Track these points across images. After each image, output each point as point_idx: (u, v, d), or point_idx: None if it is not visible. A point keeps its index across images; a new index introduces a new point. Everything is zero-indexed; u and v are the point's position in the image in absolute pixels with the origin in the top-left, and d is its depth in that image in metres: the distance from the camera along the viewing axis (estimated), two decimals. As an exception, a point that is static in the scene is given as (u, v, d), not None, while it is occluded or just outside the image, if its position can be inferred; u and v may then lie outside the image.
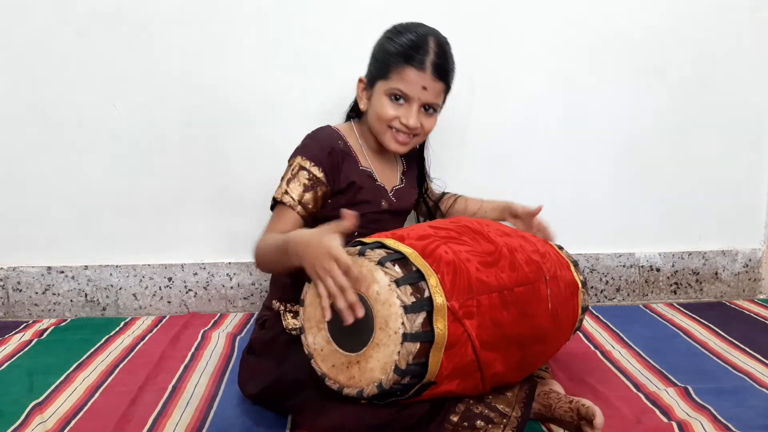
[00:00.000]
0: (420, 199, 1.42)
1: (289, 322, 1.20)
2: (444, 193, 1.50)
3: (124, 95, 1.64)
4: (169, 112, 1.65)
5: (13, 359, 1.39)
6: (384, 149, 1.29)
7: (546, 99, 1.73)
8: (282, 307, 1.23)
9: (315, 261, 0.93)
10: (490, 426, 0.99)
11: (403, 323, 0.90)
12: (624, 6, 1.71)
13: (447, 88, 1.25)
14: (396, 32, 1.22)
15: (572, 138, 1.76)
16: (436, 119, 1.27)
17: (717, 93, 1.78)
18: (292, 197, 1.17)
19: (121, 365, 1.36)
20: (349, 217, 0.94)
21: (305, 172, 1.18)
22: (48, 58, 1.61)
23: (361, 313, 0.91)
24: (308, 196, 1.17)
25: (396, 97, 1.21)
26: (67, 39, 1.61)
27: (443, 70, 1.21)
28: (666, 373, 1.32)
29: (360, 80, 1.28)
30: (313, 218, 1.20)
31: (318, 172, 1.19)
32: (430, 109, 1.24)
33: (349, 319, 0.91)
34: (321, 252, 0.93)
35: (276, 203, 1.19)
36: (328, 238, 0.93)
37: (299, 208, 1.16)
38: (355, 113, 1.34)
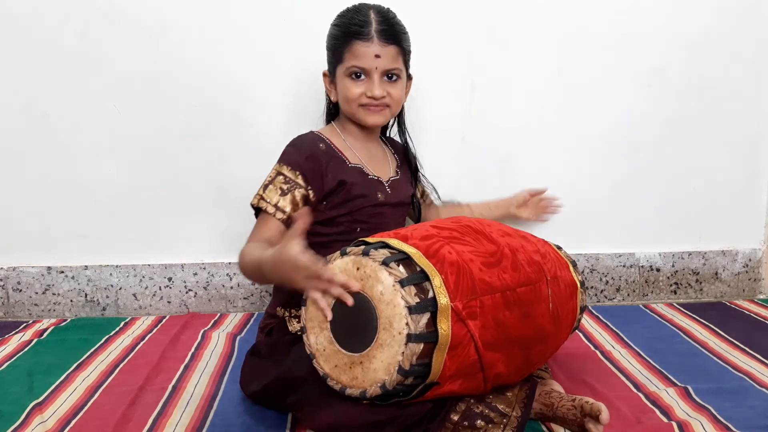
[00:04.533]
0: (413, 201, 1.40)
1: (295, 327, 1.20)
2: (446, 202, 1.52)
3: (124, 95, 1.64)
4: (169, 112, 1.65)
5: (13, 359, 1.39)
6: (371, 141, 1.31)
7: (546, 99, 1.73)
8: (287, 314, 1.23)
9: (291, 277, 0.95)
10: (490, 426, 0.99)
11: (407, 324, 0.89)
12: (624, 6, 1.71)
13: (403, 51, 1.25)
14: (339, 17, 1.26)
15: (572, 138, 1.76)
16: (404, 86, 1.29)
17: (717, 93, 1.78)
18: (269, 203, 1.18)
19: (121, 365, 1.36)
20: (300, 216, 0.96)
21: (281, 177, 1.20)
22: (48, 58, 1.61)
23: (350, 300, 0.94)
24: (285, 200, 1.18)
25: (356, 74, 1.23)
26: (67, 39, 1.60)
27: (390, 34, 1.22)
28: (666, 373, 1.32)
29: (324, 74, 1.31)
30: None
31: (295, 176, 1.20)
32: (393, 76, 1.25)
33: (349, 301, 0.94)
34: (288, 267, 0.95)
35: (258, 211, 1.20)
36: (288, 250, 0.94)
37: (278, 213, 1.17)
38: (332, 116, 1.35)
